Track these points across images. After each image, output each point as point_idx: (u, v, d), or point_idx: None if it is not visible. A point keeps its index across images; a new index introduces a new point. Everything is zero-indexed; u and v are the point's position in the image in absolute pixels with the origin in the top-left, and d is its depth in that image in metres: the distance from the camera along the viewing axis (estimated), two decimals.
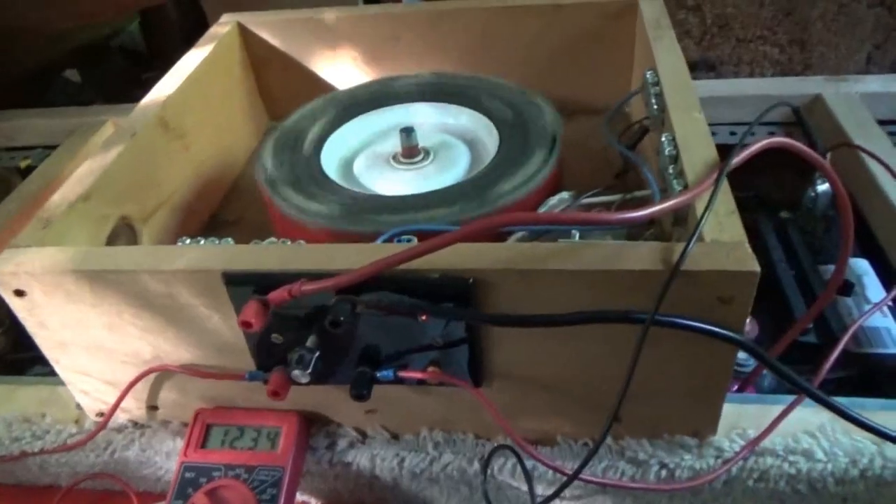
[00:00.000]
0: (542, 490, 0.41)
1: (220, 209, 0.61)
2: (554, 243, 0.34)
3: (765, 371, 0.48)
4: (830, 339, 0.48)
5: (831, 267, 0.55)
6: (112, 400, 0.43)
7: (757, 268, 0.31)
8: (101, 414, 0.45)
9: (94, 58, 1.00)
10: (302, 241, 0.38)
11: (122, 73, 1.01)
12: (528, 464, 0.40)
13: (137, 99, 0.53)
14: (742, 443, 0.39)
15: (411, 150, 0.53)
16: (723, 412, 0.39)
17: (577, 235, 0.37)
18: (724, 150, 0.38)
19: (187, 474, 0.40)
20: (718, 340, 0.33)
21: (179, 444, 0.43)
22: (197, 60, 0.58)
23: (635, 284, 0.32)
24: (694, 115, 0.42)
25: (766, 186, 0.66)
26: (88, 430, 0.45)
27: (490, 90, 0.58)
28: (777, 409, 0.39)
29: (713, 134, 0.67)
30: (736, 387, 0.46)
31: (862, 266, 0.55)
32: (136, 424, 0.45)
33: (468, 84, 0.60)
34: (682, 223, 0.38)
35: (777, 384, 0.49)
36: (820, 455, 0.38)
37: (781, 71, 0.81)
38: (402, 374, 0.38)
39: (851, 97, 0.66)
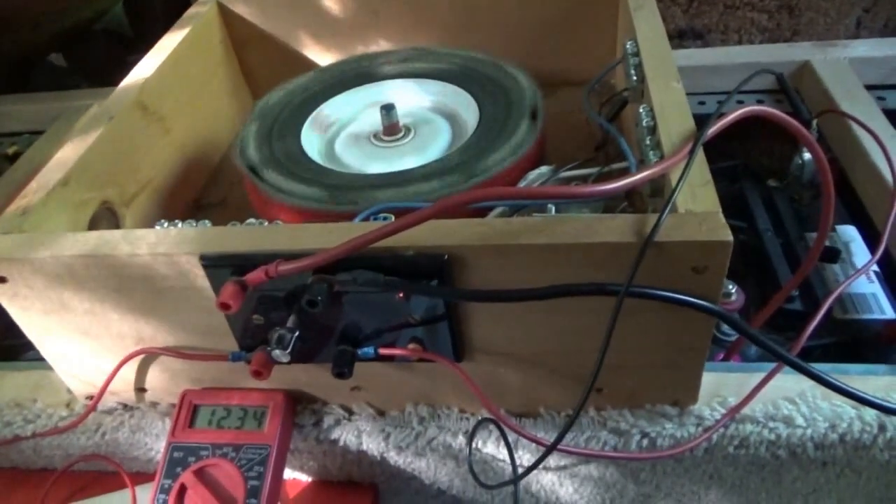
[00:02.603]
0: (528, 461, 0.42)
1: (204, 192, 0.61)
2: (528, 218, 0.34)
3: None
4: (816, 305, 0.49)
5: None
6: (100, 383, 0.43)
7: (730, 237, 0.31)
8: (90, 397, 0.45)
9: (78, 41, 0.99)
10: (279, 222, 0.38)
11: (108, 57, 1.00)
12: (512, 436, 0.41)
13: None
14: (722, 411, 0.39)
15: (392, 128, 0.53)
16: (704, 381, 0.39)
17: (553, 209, 0.36)
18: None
19: (175, 454, 0.41)
20: (693, 310, 0.33)
21: (168, 424, 0.44)
22: (175, 41, 0.57)
23: (609, 257, 0.32)
24: (672, 85, 0.42)
25: (755, 155, 0.66)
26: (79, 414, 0.45)
27: (470, 65, 0.58)
28: (758, 377, 0.40)
29: (701, 104, 0.68)
30: (721, 356, 0.46)
31: (849, 233, 0.55)
32: (125, 406, 0.46)
33: (448, 59, 0.59)
34: (658, 194, 0.38)
35: (763, 352, 0.49)
36: (800, 421, 0.39)
37: (770, 38, 0.80)
38: (383, 351, 0.38)
39: (840, 63, 0.66)
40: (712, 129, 0.36)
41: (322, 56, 0.67)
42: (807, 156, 0.58)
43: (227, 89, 0.66)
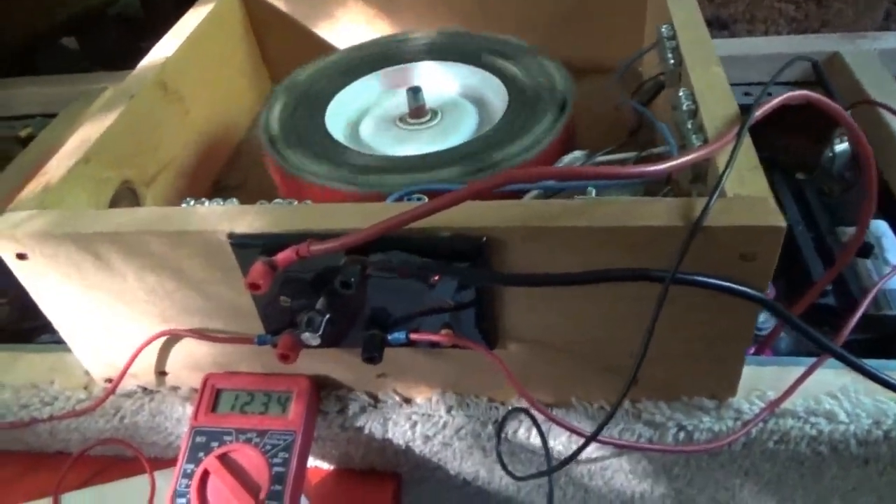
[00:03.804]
0: (557, 453, 0.41)
1: (223, 174, 0.60)
2: (567, 200, 0.33)
3: (782, 333, 0.47)
4: (848, 301, 0.48)
5: (849, 229, 0.54)
6: (120, 365, 0.42)
7: (782, 223, 0.30)
8: (109, 380, 0.44)
9: (91, 26, 0.98)
10: (309, 201, 0.37)
11: (120, 41, 0.99)
12: (543, 427, 0.40)
13: (136, 66, 0.52)
14: (762, 405, 0.38)
15: (419, 111, 0.52)
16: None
17: (594, 192, 0.35)
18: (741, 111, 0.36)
19: (198, 438, 0.40)
20: (739, 299, 0.31)
21: (189, 409, 0.43)
22: (196, 21, 0.56)
23: (652, 242, 0.31)
24: (713, 69, 0.41)
25: (777, 151, 0.65)
26: (97, 397, 0.44)
27: (498, 49, 0.56)
28: (795, 372, 0.39)
29: None
30: (753, 349, 0.45)
31: (881, 227, 0.53)
32: (145, 390, 0.45)
33: (476, 42, 0.58)
34: (700, 180, 0.37)
35: (794, 347, 0.48)
36: (842, 416, 0.38)
37: (797, 28, 0.78)
38: (415, 336, 0.37)
39: (869, 54, 0.64)
40: (760, 111, 0.35)
41: (344, 39, 0.66)
42: (837, 148, 0.57)
43: (245, 71, 0.65)
